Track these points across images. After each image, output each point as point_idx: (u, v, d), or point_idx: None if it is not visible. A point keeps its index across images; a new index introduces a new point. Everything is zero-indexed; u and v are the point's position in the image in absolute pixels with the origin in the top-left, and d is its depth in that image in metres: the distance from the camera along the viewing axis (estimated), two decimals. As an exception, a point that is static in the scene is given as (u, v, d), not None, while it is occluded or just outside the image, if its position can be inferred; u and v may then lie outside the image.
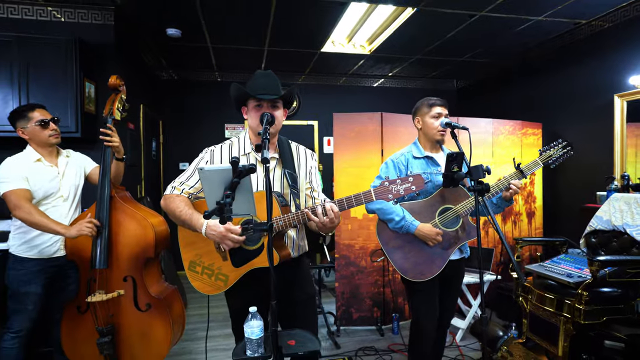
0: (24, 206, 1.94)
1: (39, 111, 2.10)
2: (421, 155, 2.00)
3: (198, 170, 1.26)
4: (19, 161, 2.04)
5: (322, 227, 1.41)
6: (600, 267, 2.10)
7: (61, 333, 2.12)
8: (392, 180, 1.37)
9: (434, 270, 1.87)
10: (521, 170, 1.90)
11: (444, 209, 1.91)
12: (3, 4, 2.84)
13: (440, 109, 2.00)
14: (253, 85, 1.52)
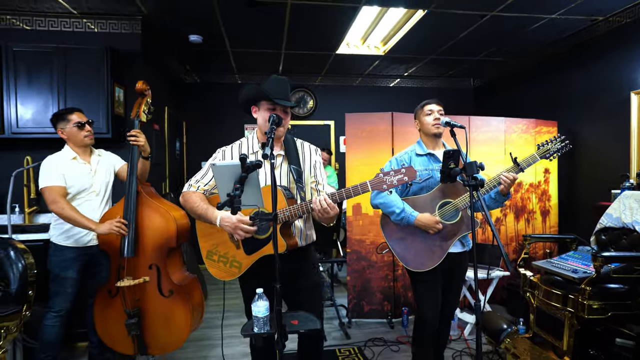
0: (59, 201, 2.17)
1: (77, 114, 2.33)
2: (423, 153, 2.10)
3: (211, 166, 1.42)
4: (58, 159, 2.28)
5: (321, 216, 1.53)
6: (603, 263, 2.13)
7: (94, 315, 2.35)
8: (386, 172, 1.48)
9: (434, 261, 1.96)
10: (518, 164, 1.96)
11: (444, 202, 2.00)
12: (45, 18, 3.12)
13: (432, 106, 2.09)
14: (270, 89, 1.64)
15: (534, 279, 2.62)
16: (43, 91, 2.94)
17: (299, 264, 1.75)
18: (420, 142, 2.16)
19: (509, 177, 1.88)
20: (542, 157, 2.01)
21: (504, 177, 1.89)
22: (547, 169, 3.79)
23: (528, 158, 1.99)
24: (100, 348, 2.52)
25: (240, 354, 2.67)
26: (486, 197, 2.02)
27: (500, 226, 3.57)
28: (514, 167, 1.96)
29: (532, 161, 1.99)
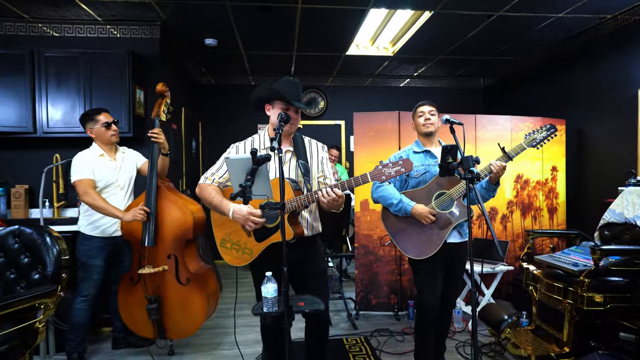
0: (90, 193, 2.36)
1: (104, 115, 2.52)
2: (420, 150, 2.21)
3: (225, 160, 1.56)
4: (87, 155, 2.48)
5: (328, 205, 1.66)
6: (602, 256, 2.20)
7: (118, 301, 2.54)
8: (385, 164, 1.60)
9: (432, 248, 2.07)
10: (507, 153, 2.05)
11: (440, 193, 2.10)
12: (72, 25, 3.34)
13: (422, 108, 2.23)
14: (284, 90, 1.77)
15: (537, 273, 2.69)
16: (71, 93, 3.15)
17: (305, 252, 1.88)
18: (418, 141, 2.28)
19: (497, 165, 1.97)
20: (530, 146, 2.09)
21: (493, 164, 1.98)
22: (555, 166, 3.82)
23: (516, 147, 2.08)
24: (124, 332, 2.72)
25: (252, 341, 2.81)
26: (478, 187, 2.11)
27: (507, 223, 3.62)
28: (503, 157, 2.05)
29: (519, 150, 2.07)
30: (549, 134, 2.08)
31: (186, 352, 2.67)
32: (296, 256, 1.80)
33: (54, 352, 2.60)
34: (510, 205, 3.64)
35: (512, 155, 2.06)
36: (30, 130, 3.12)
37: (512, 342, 2.43)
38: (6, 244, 1.88)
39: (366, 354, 2.60)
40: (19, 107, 3.08)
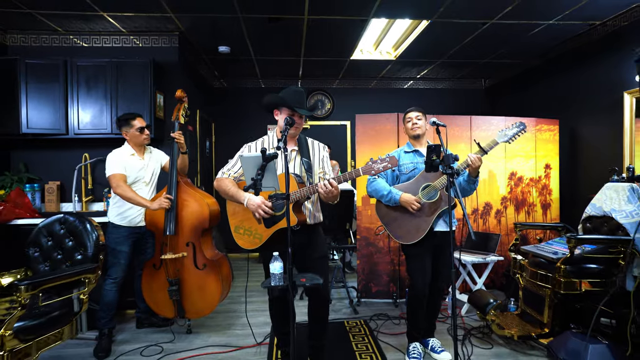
0: (122, 186, 2.68)
1: (139, 120, 2.84)
2: (410, 150, 2.49)
3: (239, 157, 1.84)
4: (120, 153, 2.80)
5: (326, 196, 1.93)
6: (575, 244, 2.43)
7: (142, 284, 2.85)
8: (374, 161, 1.86)
9: (420, 233, 2.32)
10: (482, 148, 2.27)
11: (426, 185, 2.36)
12: (100, 36, 3.68)
13: (410, 114, 2.51)
14: (290, 98, 2.06)
15: (523, 262, 2.92)
16: (99, 98, 3.48)
17: (308, 238, 2.15)
18: (409, 142, 2.54)
19: (473, 157, 2.20)
20: (502, 141, 2.31)
21: (470, 156, 2.21)
22: (549, 164, 4.02)
23: (490, 142, 2.31)
24: (146, 313, 3.03)
25: (261, 323, 3.09)
26: (460, 180, 2.35)
27: (501, 217, 3.84)
28: (479, 151, 2.27)
29: (493, 144, 2.29)
30: (519, 130, 2.31)
31: (202, 331, 2.97)
32: (300, 241, 2.08)
33: (86, 329, 2.93)
34: (504, 201, 3.86)
35: (486, 149, 2.29)
36: (63, 132, 3.46)
37: (496, 323, 2.67)
38: (53, 229, 2.20)
39: (364, 334, 2.86)
40: (53, 111, 3.43)
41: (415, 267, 2.39)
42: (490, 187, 3.83)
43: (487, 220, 3.82)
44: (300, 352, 2.35)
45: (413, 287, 2.41)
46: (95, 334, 2.81)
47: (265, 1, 3.17)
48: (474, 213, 3.78)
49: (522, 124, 2.31)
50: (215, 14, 3.38)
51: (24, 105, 3.36)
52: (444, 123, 2.18)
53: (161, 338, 2.83)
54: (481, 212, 3.80)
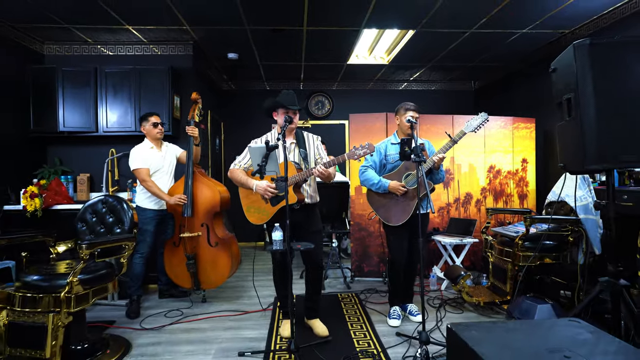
0: (147, 180, 3.18)
1: (155, 117, 3.33)
2: (396, 142, 2.92)
3: (248, 148, 2.31)
4: (141, 148, 3.29)
5: (321, 177, 2.40)
6: (530, 223, 2.88)
7: (164, 260, 3.33)
8: (356, 148, 2.33)
9: (405, 215, 2.77)
10: (452, 138, 2.71)
11: (407, 174, 2.81)
12: (124, 46, 4.19)
13: (412, 113, 2.87)
14: (284, 100, 2.54)
15: (493, 242, 3.37)
16: (124, 101, 3.98)
17: (307, 216, 2.62)
18: (395, 134, 2.98)
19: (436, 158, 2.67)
20: (469, 131, 2.74)
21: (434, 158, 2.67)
22: (525, 159, 4.45)
23: (458, 132, 2.73)
24: (167, 286, 3.52)
25: (266, 295, 3.56)
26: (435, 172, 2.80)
27: (481, 206, 4.28)
28: (450, 141, 2.71)
29: (461, 135, 2.72)
30: (482, 120, 2.73)
31: (215, 301, 3.45)
32: (299, 218, 2.55)
33: (117, 298, 3.42)
34: (483, 191, 4.30)
35: (455, 139, 2.72)
36: (93, 130, 3.97)
37: (466, 292, 3.12)
38: (97, 208, 2.69)
39: (354, 303, 3.33)
40: (85, 112, 3.93)
41: (395, 245, 2.85)
42: (470, 179, 4.27)
43: (468, 208, 4.26)
44: (298, 314, 2.82)
45: (392, 261, 2.88)
46: (124, 302, 3.31)
47: (269, 15, 3.65)
48: (456, 202, 4.22)
49: (485, 115, 2.74)
50: (226, 26, 3.86)
51: (60, 107, 3.87)
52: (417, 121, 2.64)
53: (181, 305, 3.32)
54: (462, 201, 4.25)
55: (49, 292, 2.02)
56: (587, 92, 1.63)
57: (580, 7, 3.51)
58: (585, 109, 1.64)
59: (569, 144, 1.78)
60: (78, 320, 2.20)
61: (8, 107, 3.71)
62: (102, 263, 2.35)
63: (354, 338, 2.61)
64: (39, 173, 3.96)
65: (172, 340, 2.63)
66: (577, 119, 1.69)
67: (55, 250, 2.48)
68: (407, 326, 2.82)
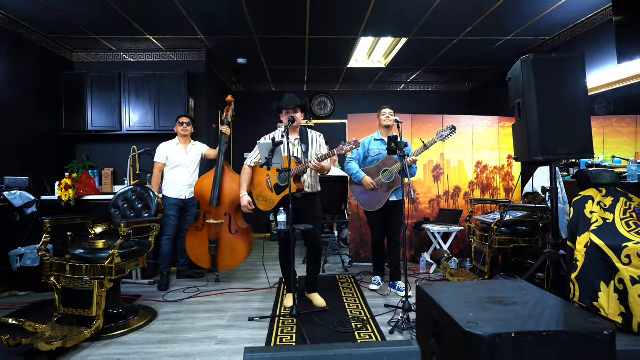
0: (155, 174, 3.66)
1: (182, 118, 3.79)
2: (378, 138, 3.35)
3: (257, 144, 2.73)
4: (166, 144, 3.74)
5: (317, 170, 2.81)
6: (505, 210, 3.26)
7: (186, 242, 3.76)
8: (344, 143, 2.74)
9: (379, 204, 3.23)
10: (425, 144, 3.12)
11: (385, 170, 3.23)
12: (144, 53, 4.64)
13: (384, 110, 3.40)
14: (283, 103, 2.96)
15: (475, 229, 3.75)
16: (145, 103, 4.43)
17: (308, 204, 3.03)
18: (379, 131, 3.41)
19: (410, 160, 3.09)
20: (439, 140, 3.16)
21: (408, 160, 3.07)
22: (511, 155, 4.82)
23: (430, 140, 3.16)
24: (185, 266, 3.96)
25: (273, 277, 3.99)
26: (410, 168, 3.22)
27: (469, 198, 4.65)
28: (422, 147, 3.13)
29: (432, 142, 3.15)
30: (450, 132, 3.16)
31: (227, 281, 3.88)
32: (301, 206, 2.96)
33: (140, 277, 3.87)
34: (471, 185, 4.68)
35: (428, 145, 3.16)
36: (117, 129, 4.42)
37: (449, 272, 3.51)
38: (127, 196, 3.13)
39: (350, 283, 3.74)
40: (110, 113, 4.39)
41: (374, 224, 3.39)
42: (459, 174, 4.65)
43: (457, 200, 4.64)
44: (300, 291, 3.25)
45: (373, 238, 3.43)
46: (147, 281, 3.75)
47: (275, 25, 4.06)
48: (446, 194, 4.61)
49: (453, 127, 3.17)
50: (236, 35, 4.29)
51: (89, 108, 4.33)
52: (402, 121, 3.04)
53: (197, 284, 3.75)
54: (452, 194, 4.63)
55: (93, 262, 2.46)
56: (531, 98, 2.03)
57: (555, 18, 3.88)
58: (530, 111, 2.03)
59: (520, 139, 2.17)
60: (115, 288, 2.64)
61: (43, 109, 4.17)
62: (133, 241, 2.79)
63: (347, 308, 3.02)
64: (69, 168, 4.42)
65: (192, 309, 3.06)
66: (524, 120, 2.08)
67: (93, 231, 2.93)
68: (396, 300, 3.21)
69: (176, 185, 3.72)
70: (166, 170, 3.76)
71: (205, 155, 3.92)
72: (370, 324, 2.70)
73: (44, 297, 3.31)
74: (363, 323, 2.71)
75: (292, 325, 2.69)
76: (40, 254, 2.48)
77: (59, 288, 2.47)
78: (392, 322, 2.69)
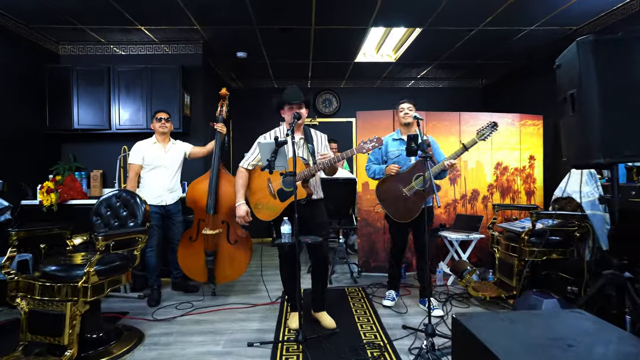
0: (131, 178, 3.28)
1: (159, 113, 3.43)
2: (397, 138, 2.98)
3: (257, 144, 2.36)
4: (142, 143, 3.38)
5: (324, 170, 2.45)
6: (536, 219, 2.89)
7: (178, 253, 3.39)
8: (365, 142, 2.39)
9: (411, 215, 2.84)
10: (464, 145, 2.75)
11: (418, 175, 2.85)
12: (136, 45, 4.29)
13: (402, 105, 3.00)
14: (287, 96, 2.60)
15: (499, 237, 3.38)
16: (136, 99, 4.08)
17: (313, 210, 2.67)
18: (398, 130, 3.03)
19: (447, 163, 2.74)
20: (480, 139, 2.79)
21: (446, 163, 2.72)
22: (533, 156, 4.45)
23: (470, 141, 2.78)
24: (180, 278, 3.60)
25: (274, 289, 3.63)
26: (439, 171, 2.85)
27: (487, 202, 4.29)
28: (461, 148, 2.75)
29: (473, 143, 2.78)
30: (492, 129, 2.79)
31: (224, 294, 3.52)
32: (306, 213, 2.60)
33: (129, 291, 3.51)
34: (490, 188, 4.31)
35: (468, 146, 2.78)
36: (106, 127, 4.07)
37: (472, 286, 3.14)
38: (111, 202, 2.78)
39: (361, 297, 3.38)
40: (99, 110, 4.04)
41: (399, 233, 2.99)
42: (477, 176, 4.28)
43: (475, 205, 4.28)
44: (306, 308, 2.88)
45: (394, 246, 3.05)
46: (136, 294, 3.40)
47: (278, 14, 3.70)
48: (463, 198, 4.24)
49: (494, 124, 2.79)
50: (235, 25, 3.93)
51: (75, 105, 3.98)
52: (422, 117, 2.68)
53: (191, 298, 3.39)
54: (469, 198, 4.26)
55: (66, 281, 2.11)
56: (590, 87, 1.66)
57: (587, 4, 3.51)
58: (589, 104, 1.67)
59: (573, 138, 1.80)
60: (93, 310, 2.28)
61: (25, 105, 3.82)
62: (116, 255, 2.43)
63: (360, 330, 2.66)
64: (54, 169, 4.07)
65: (183, 331, 2.71)
66: (580, 114, 1.72)
67: (71, 243, 2.58)
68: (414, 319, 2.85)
69: (154, 189, 3.33)
70: (143, 173, 3.37)
71: (190, 155, 3.55)
72: (388, 351, 2.33)
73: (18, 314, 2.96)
74: (380, 350, 2.35)
75: (297, 352, 2.33)
76: (3, 272, 2.13)
77: (25, 311, 2.11)
78: (414, 349, 2.33)
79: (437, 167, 2.81)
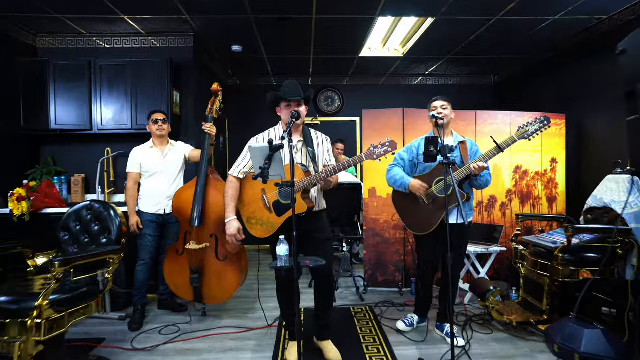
0: (129, 187, 2.96)
1: (156, 114, 3.09)
2: None
3: (248, 148, 1.99)
4: (139, 149, 3.03)
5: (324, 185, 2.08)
6: (573, 233, 2.51)
7: (164, 267, 3.02)
8: (375, 146, 2.00)
9: (431, 226, 2.45)
10: (499, 146, 2.35)
11: (439, 179, 2.46)
12: (120, 38, 3.91)
13: (435, 103, 2.59)
14: (283, 92, 2.22)
15: (524, 252, 3.00)
16: (120, 96, 3.70)
17: (314, 223, 2.30)
18: (432, 132, 2.63)
19: (475, 166, 2.31)
20: (521, 138, 2.38)
21: (472, 166, 2.31)
22: (554, 158, 4.06)
23: (507, 140, 2.37)
24: (166, 295, 3.23)
25: (272, 308, 3.26)
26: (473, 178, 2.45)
27: (506, 210, 3.91)
28: (495, 148, 2.35)
29: (510, 142, 2.37)
30: (542, 125, 2.36)
31: (216, 314, 3.16)
32: (307, 227, 2.22)
33: (110, 310, 3.15)
34: (509, 194, 3.93)
35: (503, 147, 2.36)
36: (88, 128, 3.70)
37: (496, 310, 2.77)
38: (81, 215, 2.41)
39: (369, 319, 3.00)
40: (79, 109, 3.66)
41: (425, 250, 2.60)
42: (495, 180, 3.89)
43: (492, 212, 3.89)
44: (307, 332, 2.50)
45: (421, 264, 2.67)
46: (116, 314, 3.04)
47: (274, 1, 3.32)
48: (479, 205, 3.86)
49: (547, 119, 2.36)
50: (228, 14, 3.55)
51: (52, 103, 3.61)
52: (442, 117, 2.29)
53: (178, 320, 3.03)
54: (486, 205, 3.88)
55: (16, 316, 1.74)
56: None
57: (623, -12, 3.12)
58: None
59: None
60: (55, 345, 1.91)
61: (-4, 103, 3.46)
62: (84, 280, 2.06)
63: (370, 364, 2.29)
64: (30, 174, 3.71)
65: (165, 363, 2.34)
66: (659, 112, 1.33)
67: (33, 263, 2.21)
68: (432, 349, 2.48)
69: (153, 197, 3.01)
70: (141, 181, 3.07)
71: (190, 158, 3.20)
72: (404, 396, 1.96)
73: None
74: (394, 394, 1.97)
75: (296, 397, 1.96)
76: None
77: (-33, 352, 1.75)
78: (435, 394, 1.96)
79: (460, 171, 2.39)
